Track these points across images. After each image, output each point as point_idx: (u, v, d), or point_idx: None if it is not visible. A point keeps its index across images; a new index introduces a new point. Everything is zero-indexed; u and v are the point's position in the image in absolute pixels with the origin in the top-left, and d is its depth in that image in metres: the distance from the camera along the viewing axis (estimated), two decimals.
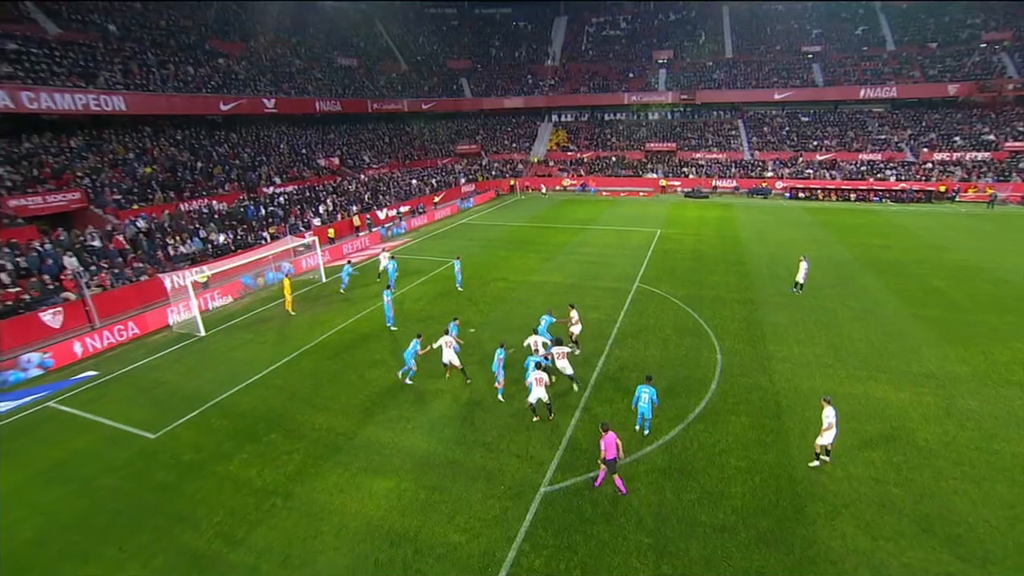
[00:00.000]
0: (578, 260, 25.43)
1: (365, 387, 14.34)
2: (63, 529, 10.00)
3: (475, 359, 15.29)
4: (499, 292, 21.31)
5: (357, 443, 11.90)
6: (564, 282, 22.12)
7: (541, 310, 17.40)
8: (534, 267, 24.51)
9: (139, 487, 10.96)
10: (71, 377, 16.05)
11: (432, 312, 19.49)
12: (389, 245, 31.16)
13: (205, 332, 18.80)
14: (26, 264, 20.75)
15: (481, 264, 25.41)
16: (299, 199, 34.30)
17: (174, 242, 25.35)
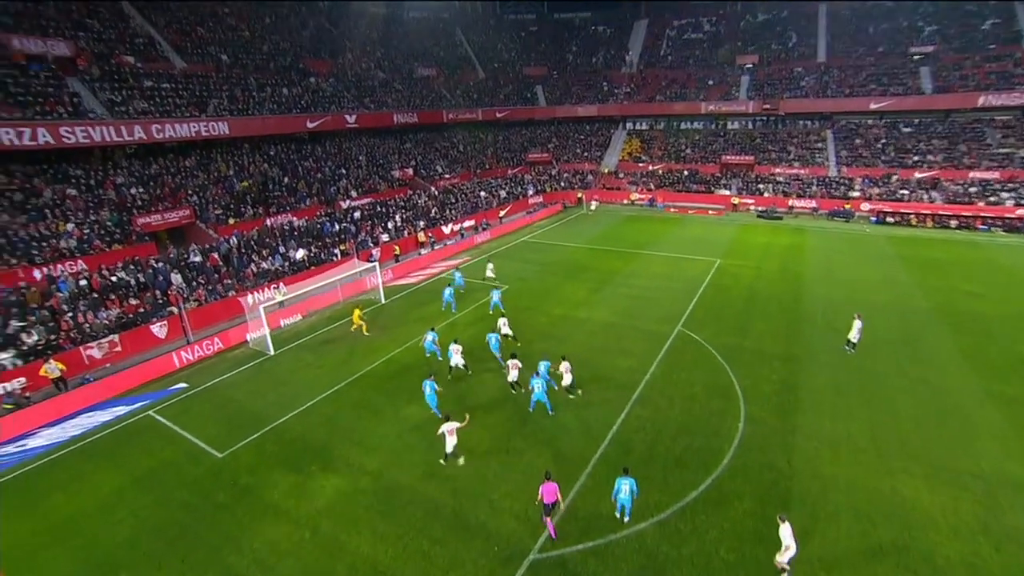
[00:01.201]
0: (626, 293, 25.48)
1: (399, 424, 15.78)
2: (147, 534, 12.26)
3: (509, 409, 16.26)
4: (541, 327, 22.03)
5: (380, 485, 13.31)
6: (606, 320, 22.40)
7: (577, 351, 18.13)
8: (581, 299, 24.92)
9: (203, 504, 13.07)
10: (168, 388, 19.01)
11: (474, 348, 20.57)
12: (452, 263, 32.81)
13: (274, 351, 21.29)
14: (144, 279, 24.49)
15: (532, 292, 26.22)
16: (371, 214, 36.86)
17: (258, 258, 28.50)
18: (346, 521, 12.21)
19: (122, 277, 24.03)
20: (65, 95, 29.63)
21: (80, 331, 20.94)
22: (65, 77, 31.00)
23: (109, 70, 33.12)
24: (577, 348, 19.72)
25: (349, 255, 31.31)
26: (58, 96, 29.27)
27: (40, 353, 19.70)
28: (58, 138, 27.59)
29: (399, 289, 28.52)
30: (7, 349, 19.34)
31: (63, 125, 27.72)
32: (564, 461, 13.75)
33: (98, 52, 33.66)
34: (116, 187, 30.77)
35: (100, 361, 20.61)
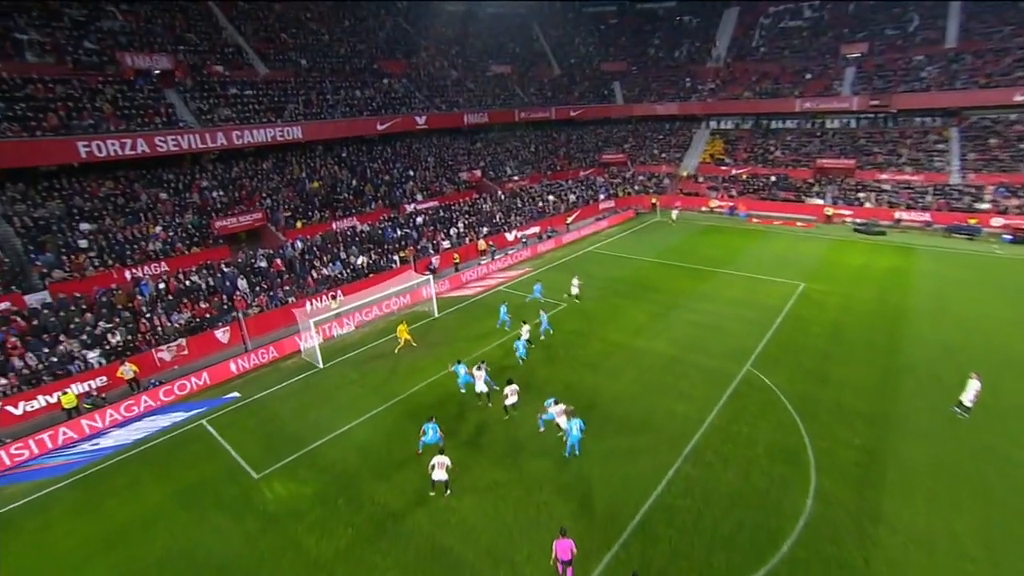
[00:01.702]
0: (692, 320, 23.49)
1: (427, 459, 15.31)
2: (176, 557, 12.68)
3: (534, 442, 15.36)
4: (592, 357, 20.77)
5: (401, 529, 12.91)
6: (666, 352, 20.68)
7: (628, 389, 16.84)
8: (641, 325, 23.28)
9: (233, 529, 13.33)
10: (222, 396, 19.94)
11: (528, 373, 19.75)
12: (512, 274, 32.16)
13: (323, 364, 21.71)
14: (214, 283, 25.99)
15: (588, 313, 24.93)
16: (434, 219, 36.96)
17: (319, 264, 29.37)
18: (360, 567, 11.90)
19: (195, 281, 25.62)
20: (162, 106, 32.08)
21: (154, 334, 22.54)
22: (163, 89, 33.60)
23: (201, 80, 35.52)
24: (628, 386, 18.32)
25: (408, 263, 31.55)
26: (156, 108, 31.74)
27: (121, 354, 21.40)
28: (153, 147, 29.92)
29: (455, 301, 28.27)
30: (94, 348, 21.17)
31: (158, 135, 30.01)
32: (595, 522, 12.62)
33: (192, 64, 36.18)
34: (201, 190, 32.99)
35: (169, 364, 22.06)
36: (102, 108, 29.81)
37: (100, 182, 30.81)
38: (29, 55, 30.96)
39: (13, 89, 28.26)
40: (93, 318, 22.34)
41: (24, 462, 16.72)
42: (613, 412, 16.81)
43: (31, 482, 15.95)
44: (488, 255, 34.53)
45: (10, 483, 15.98)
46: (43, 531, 13.83)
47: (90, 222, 28.14)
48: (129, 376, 20.27)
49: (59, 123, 27.91)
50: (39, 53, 31.22)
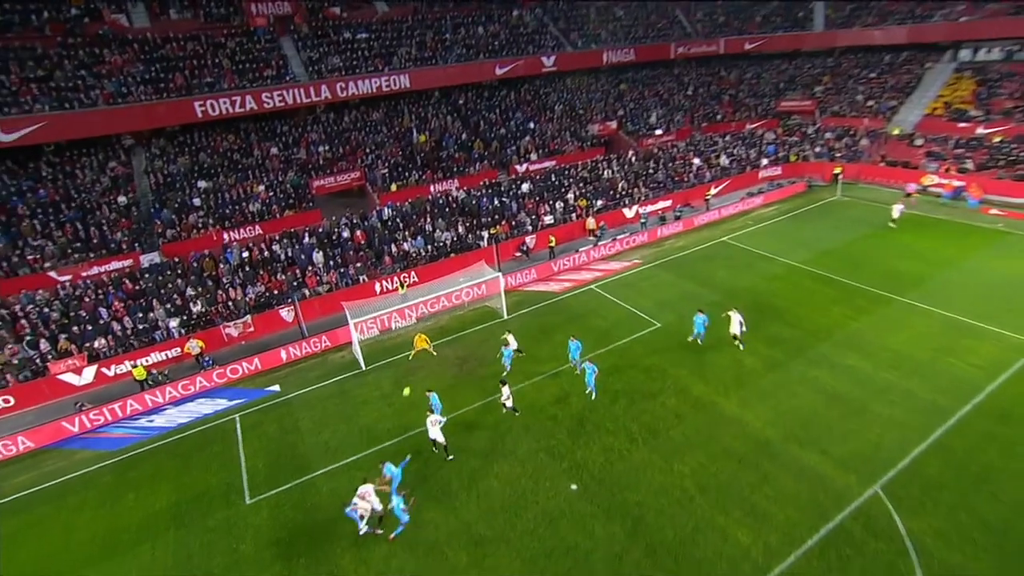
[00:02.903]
0: (821, 383, 17.78)
1: (419, 524, 13.95)
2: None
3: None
4: (652, 417, 16.96)
5: None
6: (758, 430, 15.93)
7: (674, 482, 13.40)
8: (742, 376, 18.41)
9: (204, 562, 13.66)
10: (265, 388, 20.81)
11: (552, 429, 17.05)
12: (613, 267, 28.36)
13: (365, 367, 21.32)
14: (292, 255, 27.05)
15: (671, 347, 20.56)
16: (543, 186, 33.81)
17: (401, 238, 28.74)
18: None
19: (275, 251, 26.86)
20: (275, 58, 33.21)
21: (226, 307, 24.29)
22: (279, 38, 34.71)
23: (316, 25, 35.91)
24: (683, 478, 14.47)
25: (498, 241, 29.46)
26: (269, 60, 32.97)
27: (198, 325, 23.49)
28: (260, 104, 31.40)
29: (536, 298, 25.73)
30: (177, 317, 23.55)
31: (265, 92, 31.28)
32: None
33: (311, 7, 36.63)
34: (308, 144, 34.26)
35: (235, 339, 23.72)
36: (221, 63, 31.78)
37: (223, 136, 33.62)
38: (172, 12, 33.93)
39: (153, 50, 31.35)
40: (183, 284, 24.75)
41: (97, 428, 19.39)
42: (645, 521, 13.41)
43: (93, 451, 18.43)
44: (595, 236, 30.68)
45: (81, 447, 18.68)
46: (75, 512, 15.78)
47: (207, 179, 31.00)
48: (195, 352, 22.19)
49: (184, 82, 30.44)
50: (180, 9, 34.05)
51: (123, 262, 26.30)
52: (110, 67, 29.72)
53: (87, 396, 20.70)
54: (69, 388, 20.96)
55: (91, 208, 27.89)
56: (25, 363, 21.06)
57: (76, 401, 20.14)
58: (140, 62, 30.28)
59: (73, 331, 22.00)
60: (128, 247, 26.80)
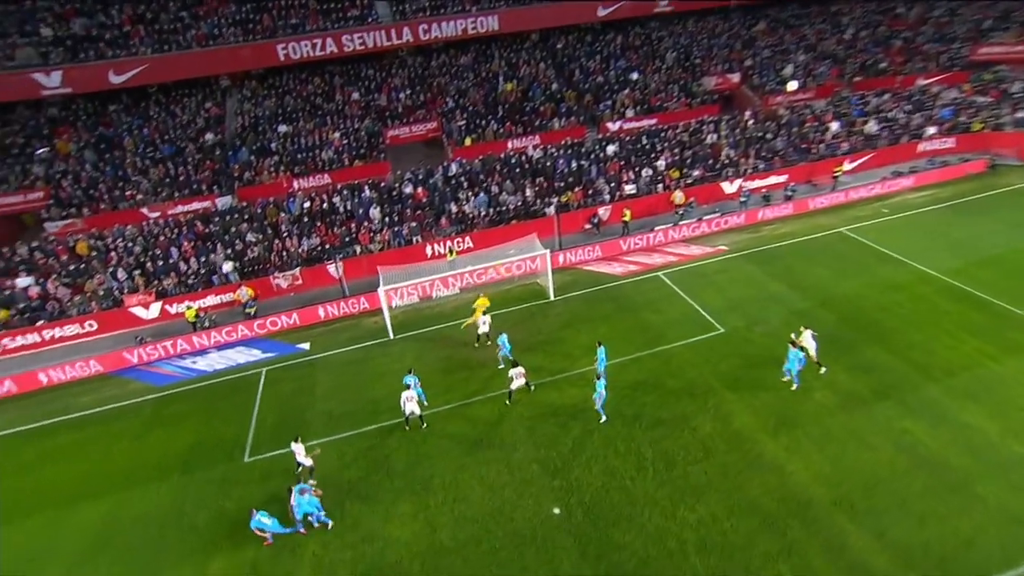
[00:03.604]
0: (913, 441, 14.34)
1: (388, 519, 14.00)
2: (137, 522, 14.79)
3: None
4: (671, 449, 15.04)
5: None
6: (802, 490, 13.25)
7: (671, 536, 12.07)
8: (799, 416, 15.56)
9: (196, 513, 14.89)
10: (297, 344, 21.95)
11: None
12: (693, 252, 25.65)
13: (393, 336, 21.55)
14: (351, 209, 27.79)
15: (732, 362, 18.10)
16: (632, 149, 31.09)
17: (463, 197, 28.20)
18: None
19: (335, 203, 27.71)
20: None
21: (280, 256, 25.72)
22: None
23: None
24: (681, 533, 12.79)
25: (570, 208, 27.87)
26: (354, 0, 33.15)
27: (253, 273, 25.23)
28: (340, 47, 31.99)
29: (591, 280, 24.10)
30: (234, 262, 25.42)
31: (345, 34, 31.69)
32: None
33: None
34: (391, 90, 34.53)
35: (284, 291, 25.18)
36: (307, 3, 32.56)
37: (310, 79, 34.97)
38: None
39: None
40: (246, 229, 26.59)
41: (151, 362, 21.89)
42: (621, 569, 12.09)
43: (143, 384, 20.89)
44: (678, 215, 27.77)
45: (134, 378, 21.26)
46: (115, 439, 18.03)
47: (288, 123, 32.63)
48: (245, 299, 23.91)
49: (270, 23, 31.75)
50: None
51: (203, 203, 28.88)
52: (207, 8, 31.75)
53: (150, 331, 23.35)
54: (138, 321, 23.77)
55: (182, 148, 30.70)
56: (108, 293, 24.17)
57: (137, 335, 22.81)
58: (232, 2, 31.93)
59: (147, 267, 24.70)
60: (208, 188, 29.29)
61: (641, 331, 19.84)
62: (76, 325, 23.31)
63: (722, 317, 20.13)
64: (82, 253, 25.43)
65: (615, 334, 19.72)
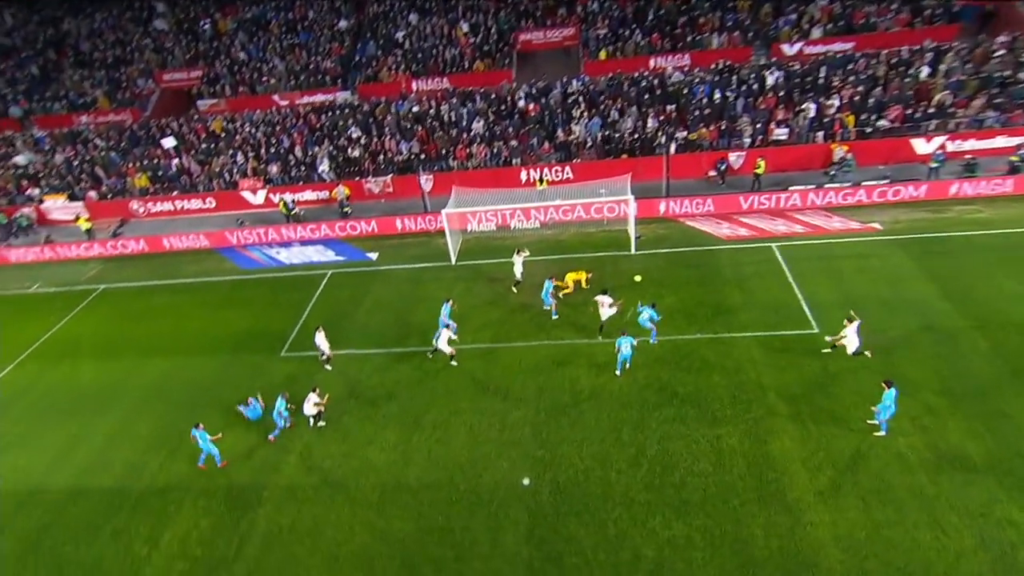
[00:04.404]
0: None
1: (366, 444, 15.25)
2: (176, 384, 18.02)
3: None
4: (678, 453, 13.46)
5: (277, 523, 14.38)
6: (822, 560, 11.86)
7: (626, 548, 11.80)
8: (859, 465, 13.19)
9: (223, 391, 17.62)
10: (365, 252, 23.71)
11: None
12: (816, 225, 22.08)
13: (454, 261, 22.18)
14: (455, 118, 28.14)
15: (804, 371, 15.70)
16: (801, 83, 26.55)
17: (577, 119, 26.82)
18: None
19: (442, 111, 28.12)
20: None
21: (376, 160, 27.27)
22: None
23: None
24: (639, 549, 12.05)
25: (694, 148, 25.33)
26: None
27: (349, 173, 27.27)
28: None
29: (686, 238, 22.09)
30: (334, 160, 27.60)
31: None
32: None
33: None
34: None
35: (375, 196, 26.92)
36: None
37: None
38: None
39: None
40: (354, 127, 28.47)
41: (244, 245, 25.35)
42: (560, 564, 11.93)
43: (233, 264, 24.45)
44: (829, 174, 23.61)
45: (228, 257, 24.92)
46: (195, 308, 21.74)
47: (420, 14, 33.18)
48: (340, 197, 26.09)
49: None
50: None
51: (326, 95, 31.32)
52: None
53: (252, 216, 26.84)
54: (246, 204, 27.42)
55: (318, 35, 33.10)
56: (229, 174, 28.05)
57: (239, 218, 26.38)
58: None
59: (261, 154, 27.98)
60: (332, 81, 31.57)
61: (712, 309, 17.95)
62: (199, 200, 27.62)
63: (824, 314, 17.27)
64: (217, 132, 29.49)
65: (681, 306, 18.14)
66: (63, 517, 14.43)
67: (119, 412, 17.37)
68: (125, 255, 26.22)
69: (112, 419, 17.13)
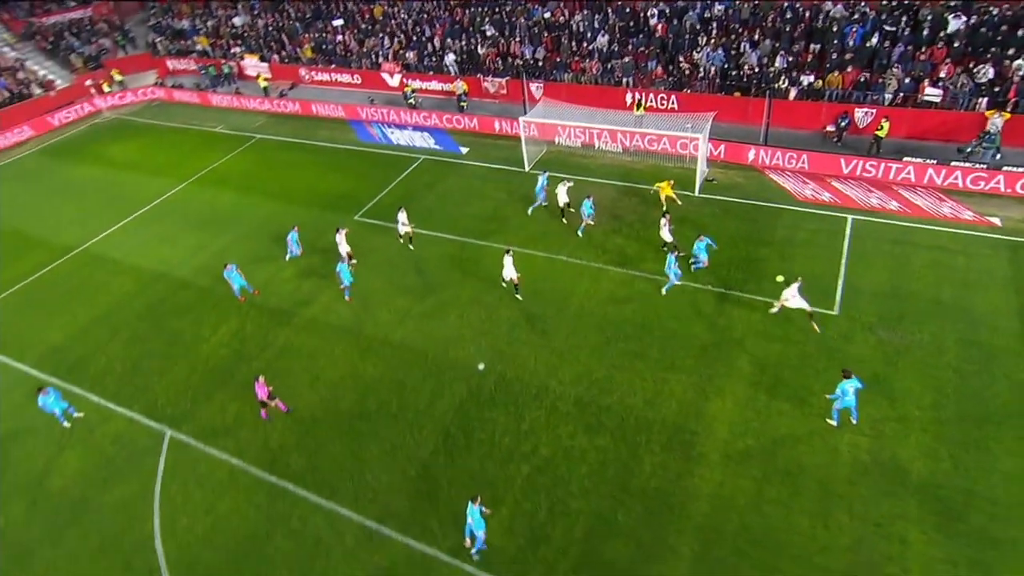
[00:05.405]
0: None
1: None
2: (261, 223, 22.13)
3: None
4: (627, 397, 14.50)
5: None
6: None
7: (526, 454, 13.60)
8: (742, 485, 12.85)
9: (307, 239, 21.44)
10: (459, 145, 25.58)
11: None
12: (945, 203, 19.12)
13: (528, 168, 23.18)
14: (584, 30, 27.78)
15: (804, 348, 14.78)
16: (995, 28, 21.84)
17: (701, 48, 25.15)
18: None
19: (573, 23, 27.88)
20: None
21: (495, 61, 28.26)
22: None
23: None
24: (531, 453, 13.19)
25: (822, 96, 22.76)
26: None
27: (471, 69, 28.75)
28: None
29: (757, 191, 20.55)
30: (463, 55, 29.18)
31: None
32: None
33: None
34: None
35: (490, 95, 28.22)
36: None
37: None
38: None
39: None
40: (489, 25, 29.49)
41: (369, 121, 28.60)
42: (454, 442, 13.62)
43: (356, 136, 27.93)
44: (965, 151, 19.87)
45: (355, 129, 28.42)
46: (305, 169, 25.72)
47: None
48: (459, 91, 27.91)
49: None
50: None
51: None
52: None
53: (383, 96, 29.85)
54: (384, 85, 30.47)
55: None
56: (375, 56, 31.15)
57: (371, 96, 29.53)
58: None
59: (402, 38, 30.46)
60: None
61: (742, 267, 17.18)
62: (349, 75, 31.26)
63: (856, 300, 15.75)
64: (376, 16, 32.47)
65: (715, 257, 17.43)
66: (173, 296, 19.41)
67: (233, 234, 22.05)
68: (284, 113, 31.12)
69: (227, 238, 21.86)
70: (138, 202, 24.86)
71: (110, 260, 21.60)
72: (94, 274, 20.99)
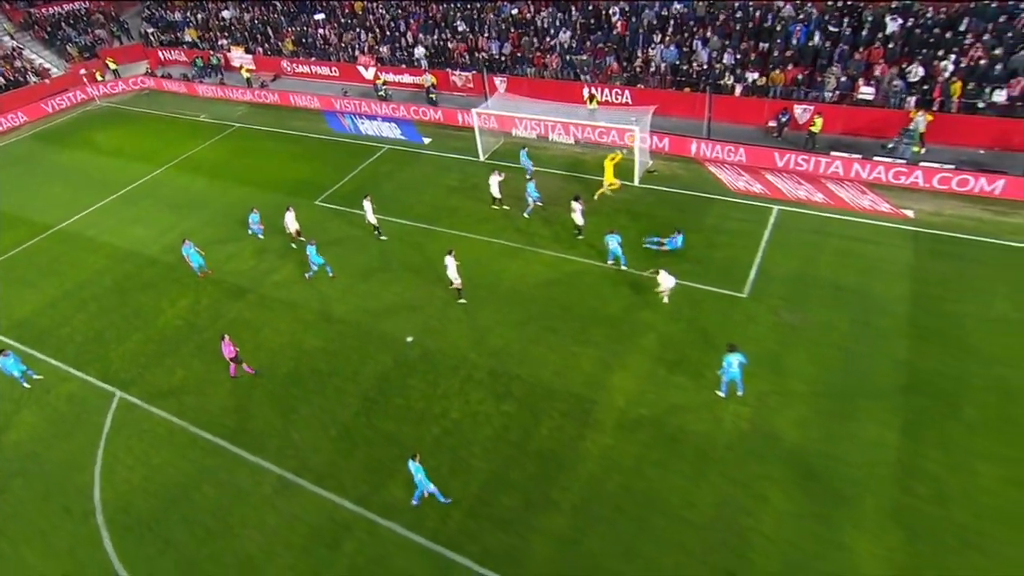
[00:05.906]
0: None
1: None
2: (231, 208, 23.26)
3: None
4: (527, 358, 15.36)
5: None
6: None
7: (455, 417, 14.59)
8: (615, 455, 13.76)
9: (270, 222, 22.53)
10: (422, 135, 26.50)
11: None
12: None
13: (483, 158, 24.09)
14: (546, 26, 28.63)
15: (741, 326, 15.61)
16: (929, 30, 22.51)
17: (658, 43, 25.94)
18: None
19: (538, 19, 28.72)
20: None
21: (463, 55, 29.15)
22: None
23: None
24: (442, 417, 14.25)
25: (774, 93, 23.49)
26: None
27: (439, 63, 29.66)
28: None
29: (697, 183, 21.40)
30: (430, 49, 30.09)
31: None
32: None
33: None
34: None
35: (458, 88, 29.12)
36: None
37: None
38: None
39: None
40: (460, 21, 30.37)
41: (342, 112, 29.57)
42: (376, 405, 14.68)
43: (328, 125, 28.92)
44: (887, 147, 20.49)
45: (328, 119, 29.36)
46: (273, 155, 26.77)
47: None
48: (427, 84, 28.82)
49: None
50: None
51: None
52: None
53: (356, 89, 30.83)
54: (359, 77, 31.45)
55: None
56: (352, 49, 32.11)
57: (344, 88, 30.52)
58: None
59: (377, 34, 31.41)
60: None
61: (669, 252, 18.03)
62: (327, 68, 32.27)
63: (766, 285, 16.58)
64: (357, 11, 33.43)
65: (637, 241, 18.28)
66: (140, 273, 20.51)
67: (203, 217, 23.11)
68: (264, 104, 32.19)
69: (196, 220, 22.92)
70: (118, 185, 26.00)
71: (85, 238, 22.74)
72: (69, 251, 22.14)
